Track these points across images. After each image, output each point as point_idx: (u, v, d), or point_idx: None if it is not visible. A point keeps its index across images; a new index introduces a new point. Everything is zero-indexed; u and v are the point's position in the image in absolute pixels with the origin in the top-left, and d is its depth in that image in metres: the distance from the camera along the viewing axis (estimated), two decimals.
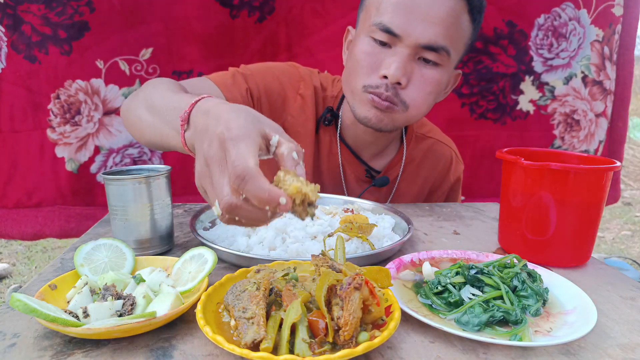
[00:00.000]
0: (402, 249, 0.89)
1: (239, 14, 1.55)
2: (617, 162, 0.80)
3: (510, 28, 1.63)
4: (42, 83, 1.45)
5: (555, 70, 1.68)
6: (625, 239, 3.78)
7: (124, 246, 0.72)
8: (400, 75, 0.96)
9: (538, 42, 1.65)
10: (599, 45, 1.65)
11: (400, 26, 0.94)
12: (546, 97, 1.71)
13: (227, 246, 0.82)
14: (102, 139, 1.54)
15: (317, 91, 1.18)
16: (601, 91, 1.70)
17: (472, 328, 0.59)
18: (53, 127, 1.49)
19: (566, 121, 1.73)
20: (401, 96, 1.00)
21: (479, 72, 1.68)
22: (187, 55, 1.56)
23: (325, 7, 1.59)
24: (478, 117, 1.73)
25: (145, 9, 1.47)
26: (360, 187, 1.22)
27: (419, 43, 0.95)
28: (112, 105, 1.53)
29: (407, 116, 1.04)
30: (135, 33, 1.49)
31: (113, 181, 0.78)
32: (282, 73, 1.16)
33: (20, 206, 1.52)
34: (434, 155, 1.28)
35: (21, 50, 1.40)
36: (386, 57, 0.98)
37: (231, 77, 1.09)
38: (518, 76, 1.69)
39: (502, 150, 0.88)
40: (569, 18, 1.63)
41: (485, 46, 1.65)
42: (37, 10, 1.38)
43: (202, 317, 0.53)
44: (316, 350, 0.50)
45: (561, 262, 0.83)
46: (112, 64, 1.49)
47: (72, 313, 0.57)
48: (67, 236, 1.56)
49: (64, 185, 1.53)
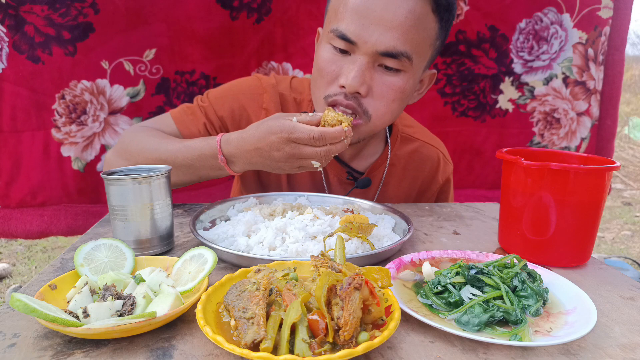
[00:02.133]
0: (402, 249, 0.89)
1: (239, 15, 1.59)
2: (617, 162, 0.80)
3: (492, 32, 1.70)
4: (46, 83, 1.46)
5: (535, 72, 1.76)
6: (625, 239, 3.78)
7: (124, 246, 0.72)
8: (357, 85, 0.93)
9: (519, 45, 1.73)
10: (582, 48, 1.72)
11: (356, 33, 0.91)
12: (525, 96, 1.79)
13: (227, 246, 0.82)
14: (108, 137, 1.57)
15: (285, 97, 1.18)
16: (584, 91, 1.77)
17: (472, 328, 0.59)
18: (58, 127, 1.50)
19: (546, 119, 1.81)
20: (364, 105, 0.97)
21: (462, 73, 1.76)
22: (189, 56, 1.59)
23: (320, 9, 1.62)
24: (459, 115, 1.82)
25: (148, 10, 1.49)
26: (344, 190, 1.21)
27: (376, 50, 0.91)
28: (117, 105, 1.55)
29: (371, 126, 1.01)
30: (138, 34, 1.51)
31: (113, 181, 0.78)
32: (242, 93, 1.18)
33: (24, 205, 1.53)
34: (420, 157, 1.25)
35: (23, 51, 1.41)
36: (345, 65, 0.95)
37: (191, 113, 1.16)
38: (498, 77, 1.77)
39: (502, 150, 0.88)
40: (550, 22, 1.70)
41: (468, 49, 1.73)
42: (40, 11, 1.38)
43: (202, 317, 0.53)
44: (316, 350, 0.50)
45: (561, 262, 0.83)
46: (117, 65, 1.51)
47: (72, 313, 0.57)
48: (75, 233, 1.57)
49: (71, 184, 1.55)
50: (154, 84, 1.58)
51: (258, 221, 0.89)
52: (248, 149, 0.92)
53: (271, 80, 1.19)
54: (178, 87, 1.61)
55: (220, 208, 1.04)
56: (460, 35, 1.70)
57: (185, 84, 1.62)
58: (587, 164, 0.83)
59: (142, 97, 1.57)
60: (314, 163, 0.88)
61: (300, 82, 1.22)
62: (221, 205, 1.04)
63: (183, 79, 1.61)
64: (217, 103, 1.16)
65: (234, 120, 1.17)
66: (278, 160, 0.90)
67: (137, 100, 1.57)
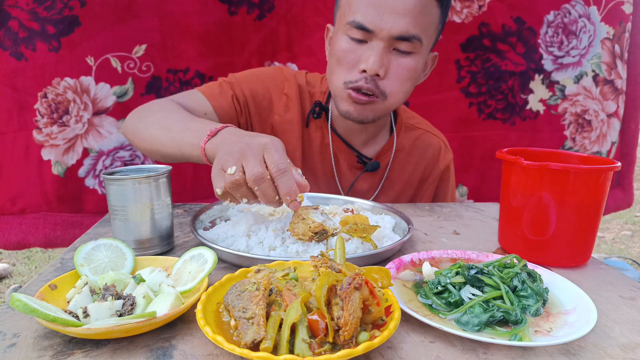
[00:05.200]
0: (402, 249, 0.89)
1: (238, 10, 1.51)
2: (617, 162, 0.80)
3: (519, 25, 1.59)
4: (29, 81, 1.35)
5: (566, 69, 1.64)
6: (625, 239, 3.78)
7: (124, 246, 0.72)
8: (378, 68, 1.03)
9: (548, 40, 1.61)
10: (609, 43, 1.61)
11: (373, 22, 1.01)
12: (556, 96, 1.66)
13: (227, 246, 0.82)
14: (92, 140, 1.45)
15: (302, 89, 1.26)
16: (612, 90, 1.65)
17: (472, 328, 0.59)
18: (39, 128, 1.39)
19: (577, 121, 1.68)
20: (381, 87, 1.07)
21: (487, 70, 1.64)
22: (183, 53, 1.49)
23: (326, 5, 1.55)
24: (486, 117, 1.68)
25: (138, 3, 1.40)
26: (353, 174, 1.27)
27: (391, 35, 1.01)
28: (102, 105, 1.44)
29: (387, 105, 1.11)
30: (127, 28, 1.41)
31: (113, 181, 0.78)
32: (267, 77, 1.25)
33: (4, 212, 1.42)
34: (422, 144, 1.33)
35: (7, 47, 1.32)
36: (363, 52, 1.04)
37: (218, 86, 1.20)
38: (527, 74, 1.64)
39: (502, 150, 0.89)
40: (578, 15, 1.58)
41: (493, 43, 1.60)
42: (25, 5, 1.30)
43: (202, 317, 0.53)
44: (316, 350, 0.50)
45: (561, 262, 0.83)
46: (103, 61, 1.41)
47: (72, 313, 0.57)
48: (52, 245, 1.45)
49: (49, 190, 1.43)
50: (143, 82, 1.47)
51: (258, 221, 0.89)
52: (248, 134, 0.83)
53: (291, 71, 1.29)
54: (170, 87, 1.51)
55: (220, 208, 1.04)
56: (483, 28, 1.59)
57: (178, 83, 1.52)
58: (587, 164, 0.83)
59: (130, 96, 1.46)
60: (230, 170, 0.74)
61: (313, 77, 1.30)
62: (221, 205, 1.04)
63: (176, 77, 1.51)
64: (243, 82, 1.22)
65: (257, 102, 1.22)
66: (246, 141, 0.78)
67: (124, 100, 1.46)
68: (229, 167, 0.75)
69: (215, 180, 0.77)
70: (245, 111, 1.21)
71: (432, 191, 1.36)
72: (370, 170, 1.25)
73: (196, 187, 1.63)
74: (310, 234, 0.79)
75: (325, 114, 1.24)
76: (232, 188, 0.75)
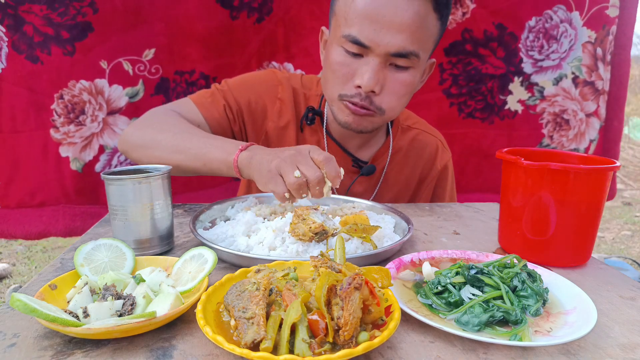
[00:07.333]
0: (402, 249, 0.89)
1: (239, 15, 1.58)
2: (617, 162, 0.80)
3: (500, 31, 1.67)
4: (45, 83, 1.45)
5: (545, 72, 1.72)
6: (625, 239, 3.78)
7: (124, 246, 0.72)
8: (373, 85, 1.00)
9: (528, 44, 1.69)
10: (591, 47, 1.68)
11: (369, 37, 0.97)
12: (535, 97, 1.74)
13: (227, 246, 0.82)
14: (107, 138, 1.56)
15: (297, 92, 1.25)
16: (593, 91, 1.73)
17: (472, 328, 0.59)
18: (57, 127, 1.49)
19: (555, 120, 1.77)
20: (376, 103, 1.04)
21: (468, 73, 1.72)
22: (188, 55, 1.58)
23: (322, 9, 1.61)
24: (466, 116, 1.78)
25: (147, 9, 1.49)
26: (349, 178, 1.26)
27: (388, 52, 0.98)
28: (116, 105, 1.54)
29: (384, 118, 1.09)
30: (137, 34, 1.50)
31: (113, 181, 0.78)
32: (260, 83, 1.24)
33: (23, 206, 1.52)
34: (419, 144, 1.32)
35: (22, 51, 1.41)
36: (359, 67, 1.01)
37: (210, 95, 1.19)
38: (507, 77, 1.73)
39: (502, 150, 0.88)
40: (560, 20, 1.66)
41: (475, 48, 1.68)
42: (39, 11, 1.38)
43: (202, 317, 0.53)
44: (316, 350, 0.50)
45: (561, 262, 0.83)
46: (116, 65, 1.51)
47: (72, 313, 0.57)
48: (72, 234, 1.56)
49: (69, 185, 1.54)
50: (153, 84, 1.57)
51: (258, 221, 0.89)
52: (265, 151, 0.90)
53: (285, 74, 1.27)
54: (177, 87, 1.61)
55: (220, 208, 1.04)
56: (466, 34, 1.66)
57: (184, 84, 1.61)
58: (587, 164, 0.83)
59: (141, 97, 1.56)
60: (296, 174, 0.81)
61: (309, 79, 1.29)
62: (221, 205, 1.04)
63: (182, 79, 1.60)
64: (235, 90, 1.21)
65: (251, 109, 1.21)
66: (281, 155, 0.85)
67: (136, 100, 1.56)
68: (287, 171, 0.81)
69: (275, 185, 0.82)
70: (239, 119, 1.21)
71: (431, 191, 1.35)
72: (365, 174, 1.24)
73: (196, 187, 1.68)
74: (311, 235, 0.79)
75: (320, 118, 1.23)
76: (296, 189, 0.81)
